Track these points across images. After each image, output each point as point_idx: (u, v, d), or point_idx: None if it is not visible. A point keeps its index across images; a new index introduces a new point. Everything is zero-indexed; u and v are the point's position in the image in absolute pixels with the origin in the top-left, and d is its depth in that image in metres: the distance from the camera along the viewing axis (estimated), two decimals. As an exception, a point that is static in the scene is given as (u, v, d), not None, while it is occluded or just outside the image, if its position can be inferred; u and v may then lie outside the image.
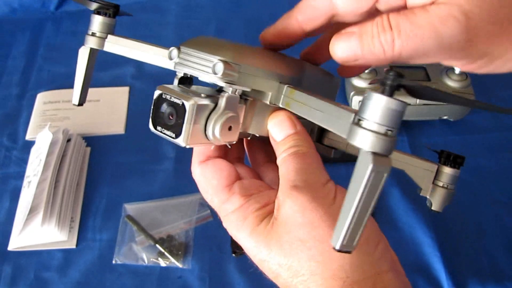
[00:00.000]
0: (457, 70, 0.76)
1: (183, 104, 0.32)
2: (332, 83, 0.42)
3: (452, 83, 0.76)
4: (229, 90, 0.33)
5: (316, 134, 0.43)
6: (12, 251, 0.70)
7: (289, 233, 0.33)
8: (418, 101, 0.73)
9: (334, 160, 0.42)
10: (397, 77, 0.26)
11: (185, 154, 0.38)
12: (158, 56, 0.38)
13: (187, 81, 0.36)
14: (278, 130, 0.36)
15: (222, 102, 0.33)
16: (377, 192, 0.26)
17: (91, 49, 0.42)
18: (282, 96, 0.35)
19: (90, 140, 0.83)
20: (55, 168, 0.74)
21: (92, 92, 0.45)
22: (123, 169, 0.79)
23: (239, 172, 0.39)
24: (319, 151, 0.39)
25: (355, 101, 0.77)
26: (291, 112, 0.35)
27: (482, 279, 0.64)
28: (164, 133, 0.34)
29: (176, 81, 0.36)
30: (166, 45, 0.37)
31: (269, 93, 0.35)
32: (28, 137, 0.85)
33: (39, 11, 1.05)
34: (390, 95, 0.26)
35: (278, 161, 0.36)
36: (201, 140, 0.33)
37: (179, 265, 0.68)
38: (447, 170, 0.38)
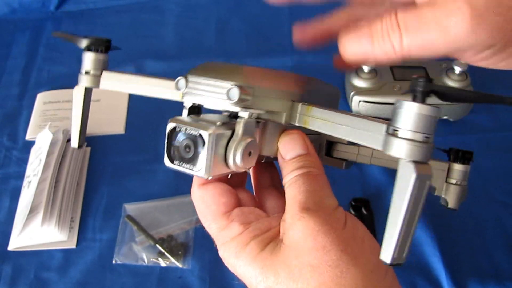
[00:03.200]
0: (457, 70, 0.76)
1: (200, 135, 0.31)
2: (333, 93, 0.41)
3: (452, 83, 0.76)
4: (245, 114, 0.32)
5: (325, 148, 0.42)
6: (12, 251, 0.70)
7: (299, 257, 0.31)
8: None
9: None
10: (427, 83, 0.26)
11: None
12: (161, 88, 0.37)
13: (196, 110, 0.35)
14: (289, 148, 0.35)
15: (240, 128, 0.32)
16: (421, 200, 0.26)
17: (86, 89, 0.41)
18: (298, 114, 0.34)
19: (90, 140, 0.82)
20: (55, 168, 0.74)
21: (92, 92, 0.45)
22: (123, 169, 0.79)
23: (240, 197, 0.37)
24: (330, 165, 0.38)
25: (355, 101, 0.77)
26: (302, 131, 0.35)
27: (482, 279, 0.63)
28: (182, 167, 0.32)
29: (185, 112, 0.35)
30: (166, 45, 0.36)
31: (283, 113, 0.34)
32: (28, 137, 0.85)
33: (39, 11, 1.05)
34: (422, 101, 0.26)
35: (286, 181, 0.34)
36: (222, 170, 0.32)
37: (179, 265, 0.68)
38: (458, 167, 0.39)
